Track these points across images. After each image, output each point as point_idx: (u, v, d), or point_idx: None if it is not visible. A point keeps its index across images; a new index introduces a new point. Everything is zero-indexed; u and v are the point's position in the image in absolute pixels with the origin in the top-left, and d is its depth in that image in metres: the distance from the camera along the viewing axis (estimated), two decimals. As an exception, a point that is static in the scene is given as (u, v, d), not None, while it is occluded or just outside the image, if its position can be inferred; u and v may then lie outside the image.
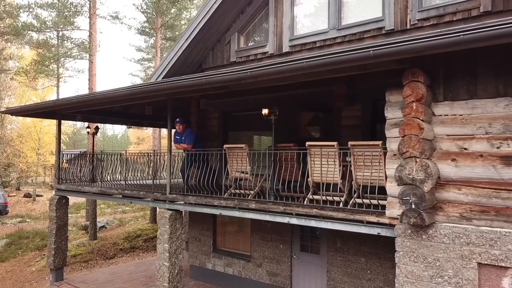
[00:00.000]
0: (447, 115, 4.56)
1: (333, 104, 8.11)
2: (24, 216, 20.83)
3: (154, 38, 18.15)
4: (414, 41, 3.97)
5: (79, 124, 44.32)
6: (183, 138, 7.50)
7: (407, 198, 4.51)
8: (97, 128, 11.05)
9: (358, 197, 5.68)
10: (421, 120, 4.44)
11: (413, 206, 4.45)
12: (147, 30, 21.33)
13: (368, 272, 7.19)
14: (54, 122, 23.81)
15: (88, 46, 14.94)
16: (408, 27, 7.02)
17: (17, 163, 29.06)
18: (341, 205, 5.58)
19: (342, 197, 5.74)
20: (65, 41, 17.26)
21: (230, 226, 10.13)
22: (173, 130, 8.50)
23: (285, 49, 8.85)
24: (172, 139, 7.94)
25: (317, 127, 9.30)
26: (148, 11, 17.86)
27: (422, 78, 4.45)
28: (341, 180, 5.77)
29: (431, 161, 4.57)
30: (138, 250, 13.96)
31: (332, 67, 4.63)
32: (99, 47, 16.49)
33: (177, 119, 7.50)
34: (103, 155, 9.86)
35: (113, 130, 57.74)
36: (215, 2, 9.41)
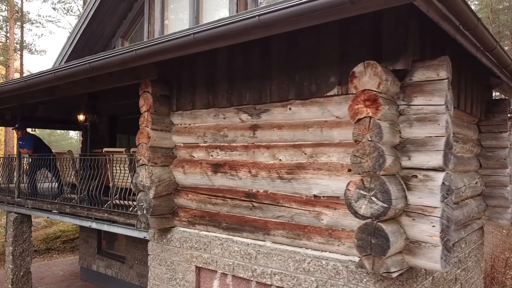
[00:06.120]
0: (180, 124, 4.75)
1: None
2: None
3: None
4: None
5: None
6: (23, 143, 7.71)
7: (141, 204, 4.70)
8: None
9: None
10: (151, 129, 4.62)
11: (144, 212, 4.64)
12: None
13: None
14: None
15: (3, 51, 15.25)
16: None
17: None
18: (127, 209, 5.77)
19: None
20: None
21: (112, 228, 10.31)
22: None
23: (154, 54, 9.03)
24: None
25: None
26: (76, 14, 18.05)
27: (151, 89, 4.64)
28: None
29: (167, 168, 4.76)
30: (54, 251, 14.13)
31: (72, 79, 4.87)
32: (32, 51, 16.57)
33: (16, 125, 7.71)
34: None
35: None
36: (91, 8, 9.60)
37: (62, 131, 57.51)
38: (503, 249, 10.99)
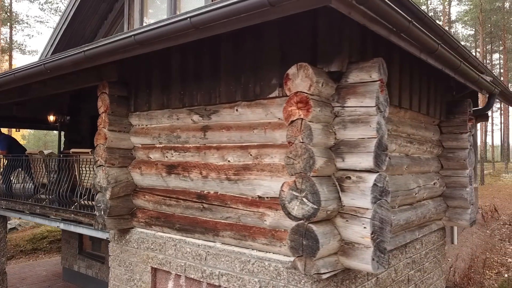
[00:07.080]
0: (138, 125, 4.75)
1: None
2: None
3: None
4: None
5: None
6: (-3, 144, 7.74)
7: (99, 205, 4.70)
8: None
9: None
10: (108, 130, 4.63)
11: (102, 213, 4.65)
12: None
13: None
14: None
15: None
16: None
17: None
18: (92, 210, 5.77)
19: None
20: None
21: (93, 228, 10.31)
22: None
23: (134, 55, 9.08)
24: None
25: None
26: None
27: (108, 90, 4.64)
28: (101, 186, 5.96)
29: (125, 169, 4.76)
30: (40, 251, 14.14)
31: (33, 80, 4.90)
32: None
33: (-13, 127, 7.74)
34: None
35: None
36: (71, 9, 9.61)
37: (53, 133, 57.27)
38: (485, 249, 11.00)
